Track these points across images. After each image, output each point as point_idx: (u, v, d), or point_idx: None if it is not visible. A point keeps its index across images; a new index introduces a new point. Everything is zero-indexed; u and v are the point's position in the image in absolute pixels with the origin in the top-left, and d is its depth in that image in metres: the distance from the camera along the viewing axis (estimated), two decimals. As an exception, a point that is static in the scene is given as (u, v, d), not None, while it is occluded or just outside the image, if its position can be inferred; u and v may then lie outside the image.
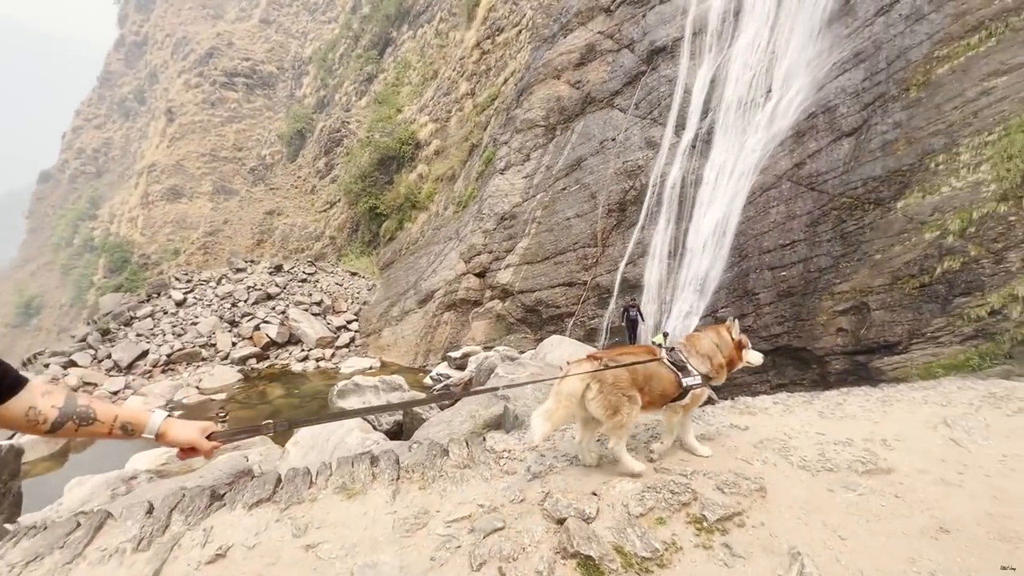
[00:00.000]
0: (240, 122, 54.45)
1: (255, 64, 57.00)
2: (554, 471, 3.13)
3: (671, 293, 15.11)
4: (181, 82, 56.29)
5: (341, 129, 37.21)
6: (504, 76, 24.93)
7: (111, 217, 57.80)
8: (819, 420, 3.80)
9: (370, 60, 41.80)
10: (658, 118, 17.43)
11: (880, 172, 10.66)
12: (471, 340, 18.69)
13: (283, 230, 35.90)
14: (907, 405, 4.06)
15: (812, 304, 10.88)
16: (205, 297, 23.39)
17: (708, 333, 3.22)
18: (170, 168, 50.13)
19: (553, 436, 3.71)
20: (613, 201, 17.30)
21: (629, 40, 19.25)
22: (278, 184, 40.50)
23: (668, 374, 3.07)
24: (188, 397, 17.01)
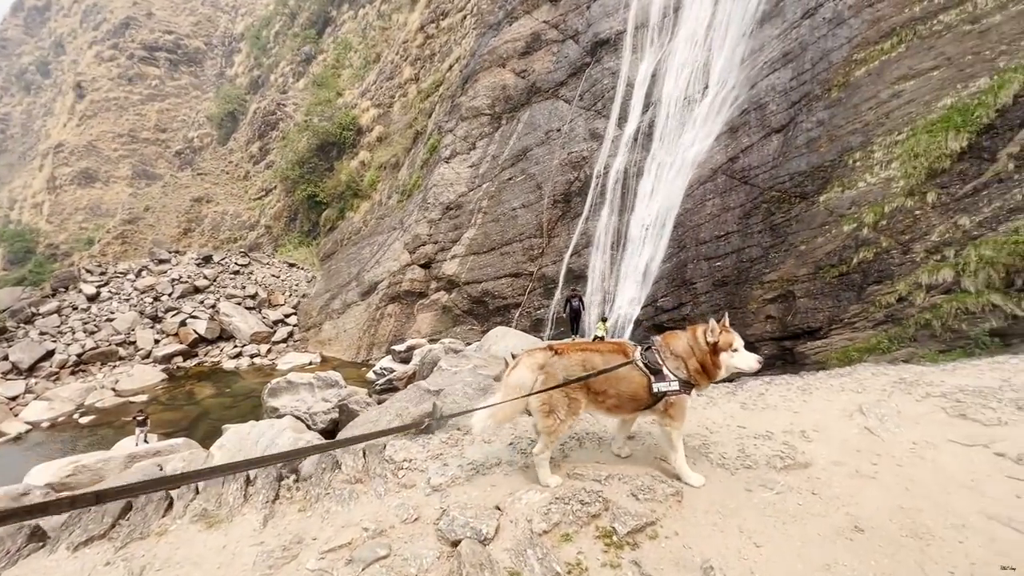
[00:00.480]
0: (163, 101, 50.30)
1: (179, 38, 52.68)
2: (457, 482, 2.85)
3: (614, 283, 15.40)
4: (93, 54, 51.18)
5: (277, 112, 35.15)
6: (449, 62, 24.36)
7: (11, 203, 51.95)
8: (741, 412, 3.75)
9: (308, 39, 39.69)
10: (602, 110, 17.61)
11: (805, 167, 11.25)
12: (416, 333, 18.29)
13: (213, 218, 33.58)
14: (825, 393, 4.11)
15: (744, 293, 11.38)
16: (122, 291, 21.45)
17: (685, 334, 2.87)
18: (81, 149, 45.66)
19: (461, 441, 3.45)
20: (558, 192, 17.37)
21: (574, 31, 19.29)
22: (207, 169, 37.81)
23: (638, 376, 2.75)
24: (102, 400, 15.58)
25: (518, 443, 3.33)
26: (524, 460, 3.06)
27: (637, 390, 2.76)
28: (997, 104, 8.43)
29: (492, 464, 3.03)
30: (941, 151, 8.80)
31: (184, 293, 21.83)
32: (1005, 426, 3.14)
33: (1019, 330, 6.95)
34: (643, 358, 2.77)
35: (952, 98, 9.30)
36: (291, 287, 24.42)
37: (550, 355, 2.80)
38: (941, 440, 3.05)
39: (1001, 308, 7.20)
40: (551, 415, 2.70)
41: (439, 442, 3.40)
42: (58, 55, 62.47)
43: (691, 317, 12.12)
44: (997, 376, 4.18)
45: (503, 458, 3.12)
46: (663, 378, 2.71)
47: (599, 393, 2.79)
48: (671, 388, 2.70)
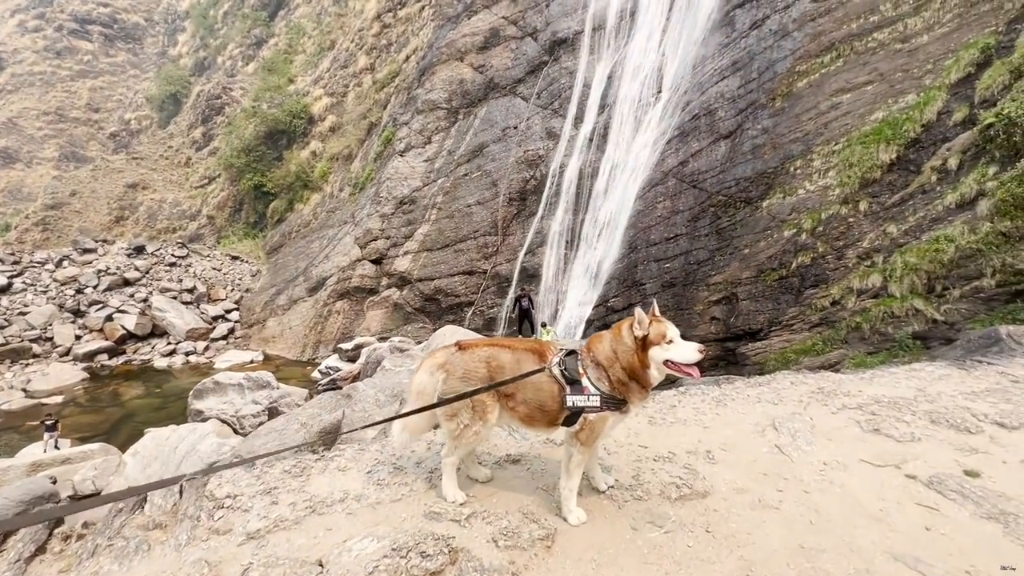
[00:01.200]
0: (96, 78, 46.71)
1: (116, 12, 49.06)
2: (283, 526, 2.31)
3: (567, 283, 15.40)
4: (15, 23, 46.89)
5: (223, 96, 33.28)
6: (406, 53, 23.74)
7: (-84, 182, 46.88)
8: (648, 428, 3.43)
9: (259, 22, 37.84)
10: (559, 109, 17.59)
11: (750, 173, 11.57)
12: (366, 331, 17.70)
13: (149, 206, 31.41)
14: (741, 405, 3.84)
15: (691, 294, 11.59)
16: (39, 282, 19.63)
17: (608, 334, 2.36)
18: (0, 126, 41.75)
19: (310, 468, 2.88)
20: (514, 190, 17.23)
21: (533, 28, 19.18)
22: (144, 153, 35.31)
23: (548, 385, 2.33)
24: (10, 402, 14.17)
25: (405, 464, 2.88)
26: (378, 494, 2.55)
27: (547, 401, 2.33)
28: (923, 119, 8.90)
29: (337, 499, 2.52)
30: (873, 162, 9.21)
31: (112, 286, 20.25)
32: (918, 442, 3.04)
33: (938, 333, 7.33)
34: (561, 364, 2.31)
35: (884, 112, 9.76)
36: (234, 281, 23.15)
37: (452, 352, 2.47)
38: (853, 460, 2.89)
39: (923, 312, 7.57)
40: (454, 419, 2.40)
41: (280, 472, 2.82)
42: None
43: (640, 318, 12.24)
44: (913, 385, 4.08)
45: (354, 490, 2.61)
46: (580, 390, 2.25)
47: (508, 398, 2.41)
48: (588, 404, 2.24)
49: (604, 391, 2.25)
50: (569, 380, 2.28)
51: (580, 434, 2.30)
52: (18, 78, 44.25)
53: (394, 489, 2.60)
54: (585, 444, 2.31)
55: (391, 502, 2.47)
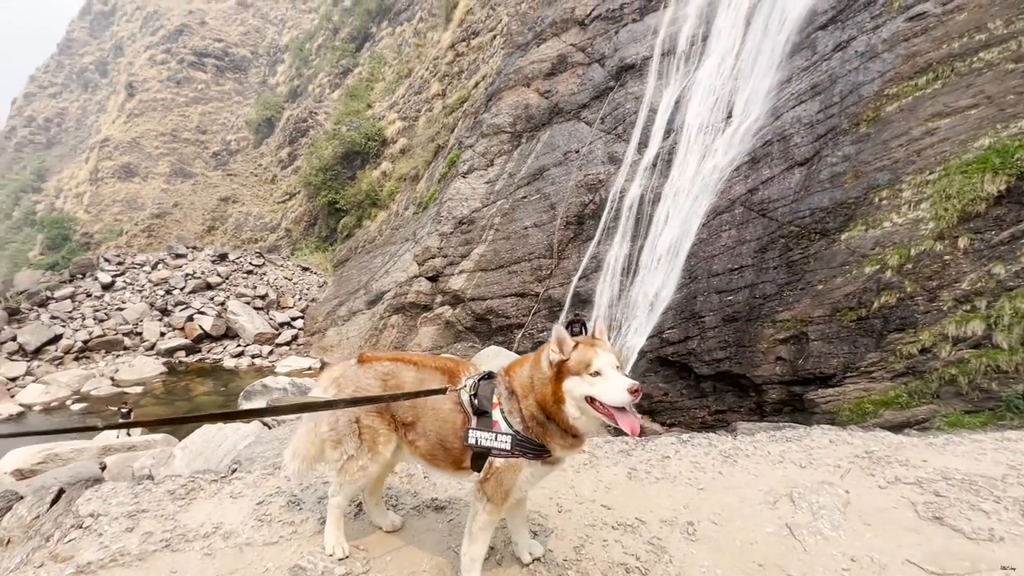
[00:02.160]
0: (206, 104, 52.38)
1: (228, 46, 55.12)
2: (123, 561, 1.90)
3: (622, 311, 14.81)
4: (146, 57, 53.87)
5: (308, 119, 36.06)
6: (476, 80, 24.57)
7: (57, 191, 54.40)
8: (623, 483, 2.82)
9: (347, 53, 40.91)
10: (622, 134, 17.31)
11: (827, 203, 10.64)
12: (417, 346, 17.93)
13: (237, 218, 34.31)
14: (755, 464, 3.09)
15: (755, 331, 10.69)
16: (136, 282, 21.83)
17: (533, 356, 1.88)
18: (125, 145, 47.64)
19: (199, 493, 2.45)
20: (572, 213, 17.01)
21: (600, 55, 19.18)
22: (237, 171, 38.85)
23: (451, 415, 1.86)
24: (99, 388, 15.60)
25: (306, 498, 2.42)
26: (253, 532, 2.14)
27: (448, 435, 1.86)
28: (1041, 146, 7.77)
29: (203, 534, 2.11)
30: (976, 193, 8.12)
31: (196, 289, 22.09)
32: (999, 543, 2.16)
33: (1058, 396, 6.17)
34: (473, 388, 1.84)
35: (991, 138, 8.64)
36: (302, 291, 24.51)
37: (349, 365, 2.09)
38: (895, 559, 2.08)
39: (1038, 369, 6.43)
40: (337, 447, 1.98)
41: (164, 492, 2.45)
42: (116, 57, 65.99)
43: (697, 352, 11.46)
44: (1003, 460, 3.03)
45: (229, 524, 2.19)
46: (488, 425, 1.77)
47: (408, 427, 1.95)
48: (496, 444, 1.75)
49: (517, 430, 1.76)
50: (477, 410, 1.81)
51: (486, 485, 1.79)
52: (144, 103, 50.55)
53: (275, 528, 2.18)
54: (492, 500, 1.78)
55: (263, 544, 2.06)
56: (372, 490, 2.23)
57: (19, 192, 59.26)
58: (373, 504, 2.27)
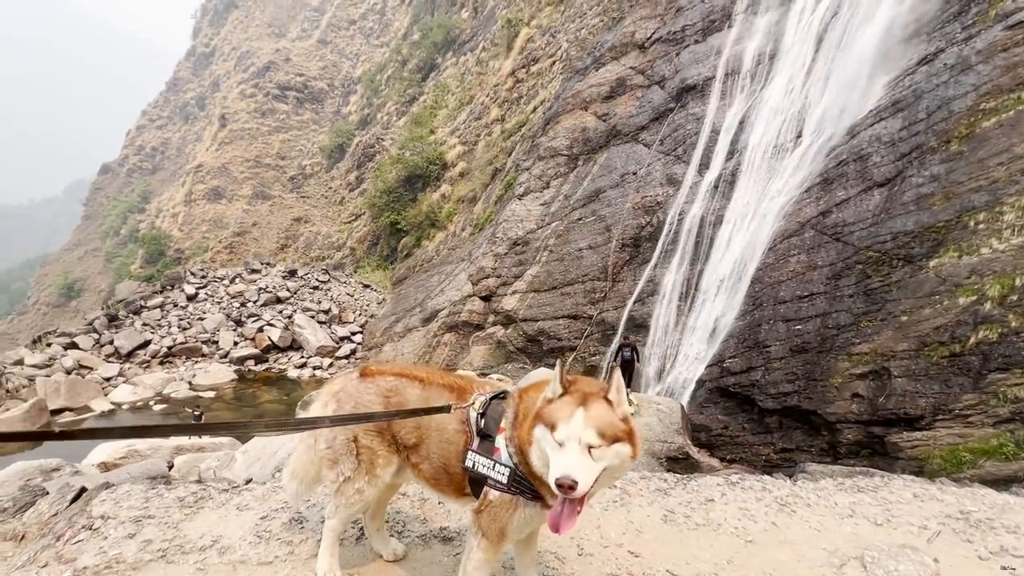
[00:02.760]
0: (287, 132, 56.73)
1: (308, 80, 59.74)
2: (115, 569, 1.87)
3: (679, 337, 14.20)
4: (238, 91, 59.38)
5: (375, 145, 38.11)
6: (534, 104, 25.00)
7: (157, 211, 60.47)
8: (657, 526, 2.47)
9: (413, 83, 43.09)
10: (682, 155, 16.89)
11: (912, 227, 9.74)
12: (468, 365, 18.03)
13: (308, 237, 36.54)
14: (818, 516, 2.64)
15: (827, 363, 9.85)
16: (216, 294, 23.67)
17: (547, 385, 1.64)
18: (216, 170, 52.32)
19: (206, 502, 2.38)
20: (628, 236, 16.67)
21: (660, 77, 18.97)
22: (310, 193, 41.53)
23: (456, 436, 1.72)
24: (178, 391, 16.86)
25: (310, 516, 2.32)
26: (250, 550, 2.05)
27: (451, 459, 1.71)
28: None
29: (201, 547, 2.05)
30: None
31: (267, 302, 23.58)
32: None
33: None
34: (482, 408, 1.68)
35: (1114, 154, 7.61)
36: (362, 307, 25.50)
37: (351, 379, 1.96)
38: None
39: None
40: (335, 467, 1.85)
41: (174, 498, 2.42)
42: (213, 92, 73.28)
43: (761, 384, 10.70)
44: None
45: (228, 539, 2.12)
46: (489, 450, 1.61)
47: (411, 450, 1.81)
48: (492, 473, 1.57)
49: (516, 463, 1.55)
50: (482, 432, 1.64)
51: (480, 517, 1.61)
52: (234, 132, 55.54)
53: (273, 547, 2.10)
54: (488, 536, 1.59)
55: (257, 564, 1.97)
56: (374, 514, 2.11)
57: (127, 212, 66.44)
58: (375, 529, 2.13)
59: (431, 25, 43.70)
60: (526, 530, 1.65)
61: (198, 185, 51.52)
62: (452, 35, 40.93)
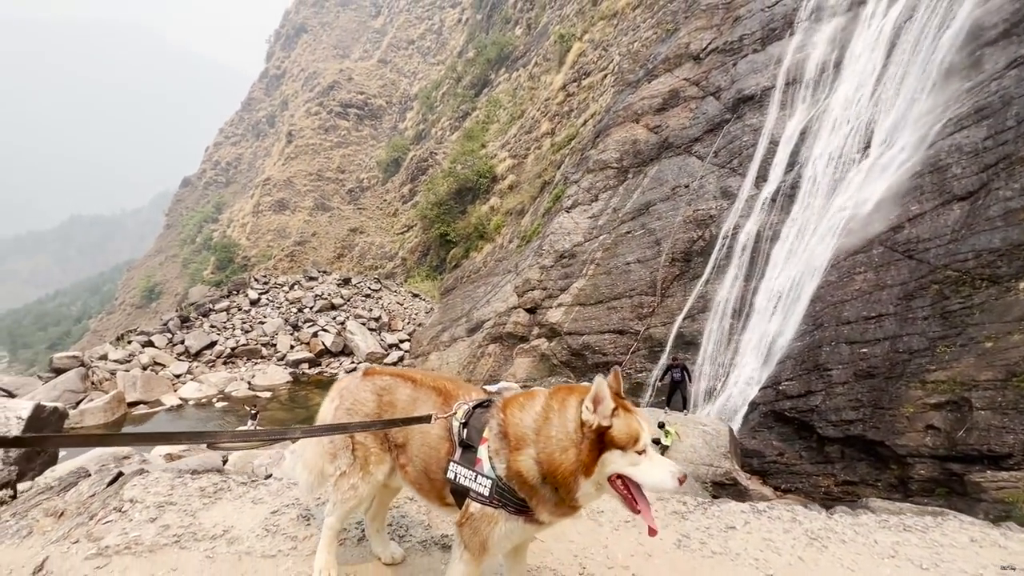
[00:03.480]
0: (347, 148, 59.64)
1: (368, 97, 62.73)
2: (134, 550, 1.93)
3: (730, 356, 13.56)
4: (304, 110, 63.16)
5: (429, 159, 39.29)
6: (584, 117, 24.98)
7: (228, 222, 64.95)
8: (669, 551, 2.30)
9: (467, 99, 44.23)
10: (737, 168, 16.29)
11: (999, 244, 8.88)
12: (511, 376, 18.01)
13: (362, 247, 38.02)
14: (853, 555, 2.36)
15: (897, 391, 9.08)
16: (276, 300, 25.03)
17: (543, 399, 1.61)
18: (281, 183, 55.65)
19: (225, 493, 2.46)
20: (678, 250, 16.20)
21: (715, 88, 18.47)
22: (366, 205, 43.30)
23: (438, 442, 1.70)
24: (238, 390, 17.86)
25: (319, 513, 2.31)
26: (256, 543, 2.09)
27: (432, 465, 1.70)
28: None
29: (212, 536, 2.11)
30: None
31: (322, 308, 24.66)
32: None
33: None
34: (466, 416, 1.64)
35: None
36: (411, 315, 26.14)
37: (354, 377, 2.02)
38: None
39: None
40: (333, 462, 1.88)
41: (196, 488, 2.55)
42: (282, 111, 78.38)
43: (821, 410, 10.00)
44: None
45: (238, 530, 2.18)
46: (471, 461, 1.56)
47: (399, 448, 1.81)
48: (474, 486, 1.53)
49: (500, 474, 1.50)
50: (463, 442, 1.60)
51: (462, 529, 1.57)
52: (299, 148, 59.00)
53: (278, 541, 2.15)
54: (469, 548, 1.55)
55: (261, 556, 2.03)
56: (374, 515, 2.11)
57: (202, 222, 71.81)
58: (374, 531, 2.13)
59: (485, 43, 44.84)
60: (507, 544, 1.59)
61: (265, 197, 54.92)
62: (505, 52, 41.80)
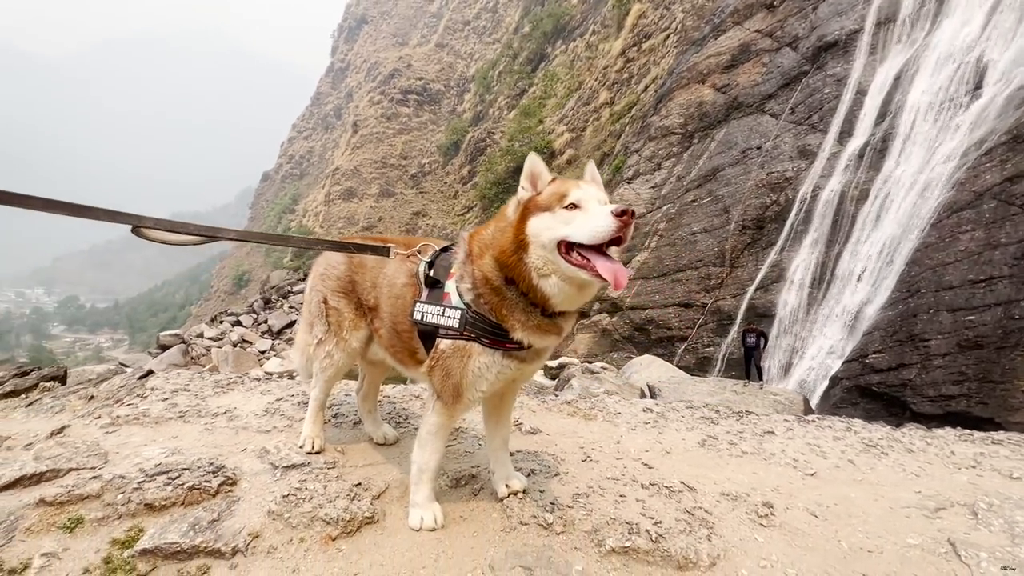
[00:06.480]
0: (408, 134, 61.08)
1: (427, 83, 63.59)
2: (141, 421, 2.13)
3: (809, 328, 12.59)
4: (367, 100, 65.25)
5: (487, 139, 39.30)
6: (645, 83, 23.77)
7: (304, 211, 69.10)
8: (691, 449, 2.20)
9: (523, 76, 43.60)
10: (818, 124, 14.86)
11: None
12: (572, 352, 17.86)
13: (425, 230, 38.99)
14: (920, 463, 2.15)
15: (1009, 363, 8.01)
16: (348, 282, 26.31)
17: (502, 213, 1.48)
18: (348, 172, 58.16)
19: (228, 384, 2.73)
20: (749, 216, 15.15)
21: (792, 37, 16.85)
22: (428, 189, 44.24)
23: (404, 290, 1.57)
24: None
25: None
26: (255, 420, 2.20)
27: (399, 315, 1.57)
28: None
29: (214, 413, 2.29)
30: None
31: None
32: None
33: None
34: (430, 257, 1.52)
35: None
36: (473, 295, 26.61)
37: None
38: None
39: None
40: (311, 330, 1.85)
41: (212, 382, 2.77)
42: (348, 102, 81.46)
43: (916, 385, 9.06)
44: None
45: (241, 410, 2.33)
46: (438, 297, 1.43)
47: (372, 312, 1.70)
48: (441, 320, 1.39)
49: (468, 302, 1.37)
50: (430, 281, 1.47)
51: (433, 375, 1.45)
52: (364, 137, 61.22)
53: (274, 420, 2.24)
54: (441, 397, 1.45)
55: (256, 431, 2.11)
56: (365, 395, 2.09)
57: (281, 213, 76.90)
58: (366, 411, 2.10)
59: (541, 15, 43.75)
60: (483, 386, 1.43)
61: (335, 186, 57.70)
62: (561, 23, 40.55)
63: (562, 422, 2.53)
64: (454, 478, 1.78)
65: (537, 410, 2.68)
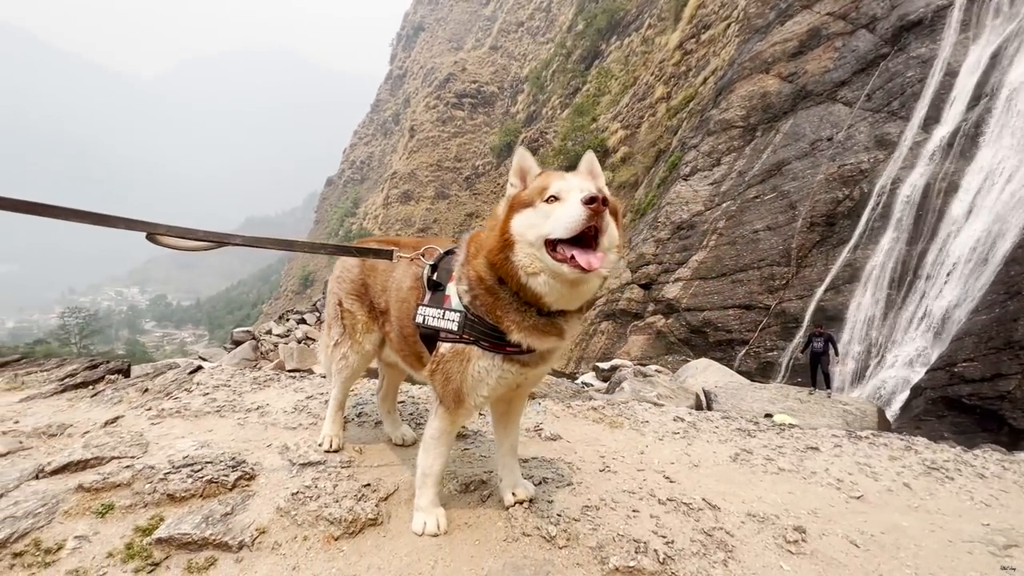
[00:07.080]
0: (462, 137, 62.18)
1: (481, 85, 64.46)
2: (183, 414, 2.24)
3: (888, 333, 11.56)
4: (423, 104, 67.08)
5: (539, 139, 39.22)
6: (704, 75, 22.77)
7: (364, 215, 72.07)
8: (722, 464, 2.05)
9: (576, 74, 43.16)
10: (898, 110, 13.64)
11: None
12: (625, 354, 17.42)
13: (479, 231, 39.65)
14: (992, 490, 1.94)
15: None
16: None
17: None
18: (406, 176, 60.02)
19: (265, 381, 2.83)
20: (818, 213, 14.15)
21: (869, 17, 15.57)
22: (481, 190, 44.78)
23: (409, 293, 1.57)
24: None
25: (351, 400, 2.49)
26: (283, 417, 2.29)
27: (403, 319, 1.57)
28: None
29: (248, 409, 2.36)
30: None
31: (442, 289, 26.21)
32: None
33: None
34: (434, 260, 1.51)
35: None
36: (524, 295, 26.62)
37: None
38: None
39: None
40: (328, 332, 1.89)
41: (251, 378, 2.88)
42: (405, 108, 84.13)
43: (1015, 398, 8.08)
44: None
45: (272, 407, 2.41)
46: (440, 300, 1.42)
47: (384, 316, 1.72)
48: (442, 323, 1.37)
49: (466, 304, 1.35)
50: (433, 284, 1.47)
51: (434, 378, 1.43)
52: (420, 141, 62.97)
53: (302, 417, 2.31)
54: (443, 401, 1.42)
55: (284, 427, 2.18)
56: (384, 396, 2.11)
57: (343, 216, 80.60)
58: (385, 411, 2.13)
59: (595, 12, 43.12)
60: (484, 390, 1.39)
61: (392, 190, 59.71)
62: (616, 19, 39.76)
63: (586, 429, 2.42)
64: (464, 483, 1.75)
65: (561, 415, 2.58)
